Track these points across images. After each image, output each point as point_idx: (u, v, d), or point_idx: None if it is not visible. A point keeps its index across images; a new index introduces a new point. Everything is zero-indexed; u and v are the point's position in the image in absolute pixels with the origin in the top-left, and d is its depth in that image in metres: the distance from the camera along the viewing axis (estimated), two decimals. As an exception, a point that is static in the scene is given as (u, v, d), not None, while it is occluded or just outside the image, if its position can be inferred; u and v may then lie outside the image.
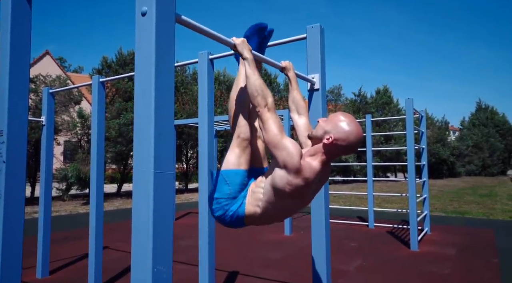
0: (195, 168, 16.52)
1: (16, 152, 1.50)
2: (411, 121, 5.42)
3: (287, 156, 1.48)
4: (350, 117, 1.56)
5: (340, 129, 1.52)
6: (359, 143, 1.57)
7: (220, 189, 1.69)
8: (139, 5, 1.13)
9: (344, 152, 1.57)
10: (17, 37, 1.52)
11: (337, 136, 1.52)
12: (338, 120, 1.54)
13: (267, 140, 1.54)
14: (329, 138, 1.52)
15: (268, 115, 1.56)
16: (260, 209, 1.62)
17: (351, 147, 1.55)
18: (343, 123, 1.53)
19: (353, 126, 1.53)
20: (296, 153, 1.48)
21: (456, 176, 26.52)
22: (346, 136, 1.52)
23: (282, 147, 1.49)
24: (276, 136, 1.52)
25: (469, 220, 8.00)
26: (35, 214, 8.45)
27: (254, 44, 1.89)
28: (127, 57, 14.36)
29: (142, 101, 1.12)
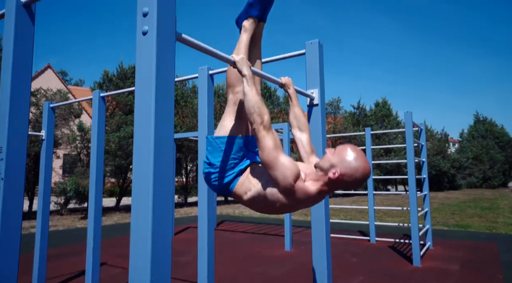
0: (194, 181, 16.46)
1: (15, 169, 1.49)
2: (411, 134, 5.42)
3: (280, 176, 1.47)
4: (357, 152, 1.52)
5: (347, 165, 1.49)
6: (366, 179, 1.54)
7: (215, 155, 1.70)
8: (140, 24, 1.14)
9: (348, 186, 1.54)
10: (19, 54, 1.53)
11: (343, 172, 1.49)
12: (345, 155, 1.51)
13: (261, 158, 1.53)
14: (335, 173, 1.49)
15: (264, 133, 1.53)
16: (246, 197, 1.64)
17: (357, 183, 1.52)
18: (351, 158, 1.50)
19: (360, 162, 1.50)
20: (291, 174, 1.46)
21: (457, 188, 26.41)
22: (353, 173, 1.49)
23: (276, 167, 1.48)
24: (270, 155, 1.49)
25: (471, 233, 7.92)
26: (32, 229, 8.37)
27: (257, 10, 1.88)
28: (128, 71, 14.47)
29: (142, 119, 1.12)
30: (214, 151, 1.70)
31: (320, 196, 1.56)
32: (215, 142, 1.71)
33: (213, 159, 1.70)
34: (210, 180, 1.72)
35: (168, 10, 1.15)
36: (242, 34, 1.90)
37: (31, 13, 1.60)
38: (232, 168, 1.69)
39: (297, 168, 1.50)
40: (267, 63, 2.56)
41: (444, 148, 26.43)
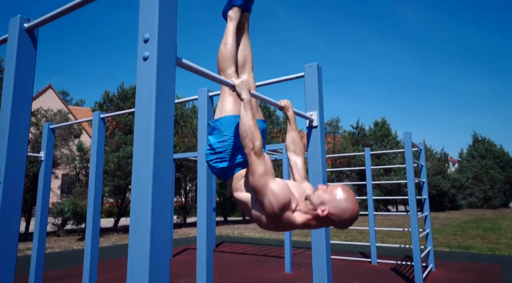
0: (193, 201, 16.33)
1: (13, 193, 1.48)
2: (410, 155, 5.42)
3: (266, 203, 1.48)
4: (349, 193, 1.54)
5: (337, 204, 1.50)
6: (353, 222, 1.56)
7: (216, 136, 1.76)
8: (141, 50, 1.16)
9: (335, 225, 1.56)
10: (21, 78, 1.55)
11: (332, 211, 1.50)
12: (336, 195, 1.52)
13: (251, 182, 1.55)
14: (324, 211, 1.50)
15: (254, 158, 1.54)
16: (237, 194, 1.70)
17: (343, 224, 1.54)
18: (341, 199, 1.51)
19: (350, 204, 1.51)
20: (277, 204, 1.47)
21: (457, 208, 26.20)
22: (341, 214, 1.50)
23: (264, 194, 1.49)
24: (259, 181, 1.50)
25: (474, 255, 7.81)
26: (28, 251, 8.24)
27: (241, 0, 2.00)
28: (128, 91, 14.59)
29: (141, 143, 1.12)
30: (215, 133, 1.77)
31: (304, 227, 1.57)
32: (215, 124, 1.78)
33: (214, 140, 1.76)
34: (211, 161, 1.77)
35: (168, 36, 1.18)
36: (228, 23, 2.00)
37: (33, 38, 1.62)
38: (234, 152, 1.73)
39: (287, 197, 1.50)
40: (266, 86, 2.59)
41: (444, 168, 26.38)
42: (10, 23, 1.61)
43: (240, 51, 2.03)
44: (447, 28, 69.83)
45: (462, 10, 68.58)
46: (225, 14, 2.05)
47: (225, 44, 1.93)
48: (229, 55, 1.89)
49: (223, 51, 1.92)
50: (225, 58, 1.90)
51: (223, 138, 1.72)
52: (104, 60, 75.84)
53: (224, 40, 1.95)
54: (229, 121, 1.74)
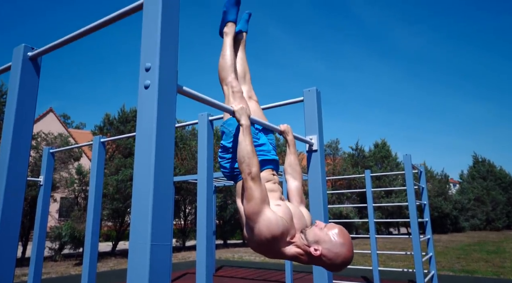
0: (193, 224, 16.15)
1: (11, 218, 1.47)
2: (411, 177, 5.41)
3: (256, 231, 1.48)
4: (345, 238, 1.50)
5: (331, 247, 1.47)
6: (343, 268, 1.53)
7: (227, 139, 1.84)
8: (142, 79, 1.18)
9: (326, 267, 1.53)
10: (23, 105, 1.57)
11: (325, 253, 1.48)
12: (332, 236, 1.49)
13: (245, 209, 1.54)
14: (317, 251, 1.48)
15: (251, 184, 1.54)
16: (239, 202, 1.71)
17: (334, 267, 1.51)
18: (336, 242, 1.48)
19: (344, 250, 1.48)
20: (268, 235, 1.46)
21: (460, 230, 25.87)
22: (333, 257, 1.47)
23: (257, 221, 1.48)
24: (254, 207, 1.49)
25: (478, 279, 7.66)
26: (24, 277, 8.08)
27: (234, 15, 2.13)
28: (129, 114, 14.69)
29: (142, 169, 1.13)
30: (226, 135, 1.85)
31: (293, 259, 1.55)
32: (224, 128, 1.87)
33: (225, 141, 1.84)
34: (223, 161, 1.83)
35: (169, 65, 1.21)
36: (224, 38, 2.12)
37: (36, 66, 1.66)
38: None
39: (279, 229, 1.47)
40: (266, 110, 2.62)
41: (445, 189, 26.23)
42: (14, 51, 1.65)
43: (239, 65, 2.16)
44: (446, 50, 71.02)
45: (461, 32, 69.94)
46: (221, 31, 2.18)
47: (223, 56, 2.04)
48: (228, 65, 1.99)
49: (221, 63, 2.02)
50: (224, 68, 1.99)
51: (233, 138, 1.79)
52: (105, 84, 76.74)
53: (222, 53, 2.06)
54: (236, 122, 1.81)
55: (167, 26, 1.20)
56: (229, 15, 2.13)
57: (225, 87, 1.97)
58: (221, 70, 2.01)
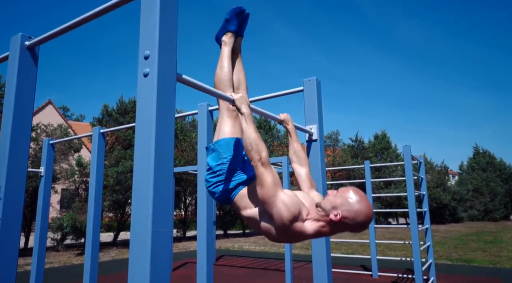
0: (193, 215, 16.24)
1: (13, 208, 1.49)
2: (410, 168, 5.43)
3: (276, 215, 1.46)
4: (360, 195, 1.50)
5: (349, 208, 1.47)
6: (368, 224, 1.51)
7: (215, 159, 1.74)
8: (141, 67, 1.18)
9: (349, 229, 1.51)
10: (21, 95, 1.57)
11: (345, 214, 1.47)
12: (348, 197, 1.49)
13: (259, 194, 1.53)
14: (337, 215, 1.47)
15: (262, 169, 1.54)
16: (245, 213, 1.67)
17: (359, 226, 1.49)
18: (353, 201, 1.48)
19: (363, 206, 1.47)
20: (288, 215, 1.45)
21: (458, 221, 26.03)
22: (355, 216, 1.46)
23: (273, 205, 1.47)
24: (268, 192, 1.49)
25: (475, 268, 7.74)
26: (27, 267, 8.15)
27: (234, 25, 2.04)
28: (127, 105, 14.65)
29: (142, 157, 1.13)
30: (214, 156, 1.76)
31: (317, 235, 1.53)
32: (214, 146, 1.77)
33: (213, 162, 1.74)
34: (212, 185, 1.74)
35: (169, 53, 1.20)
36: (222, 48, 2.04)
37: (34, 56, 1.65)
38: (234, 172, 1.72)
39: (297, 207, 1.48)
40: (266, 100, 2.62)
41: (444, 180, 26.31)
42: (11, 41, 1.64)
43: (234, 74, 2.07)
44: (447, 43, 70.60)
45: (462, 25, 69.43)
46: (218, 39, 2.09)
47: (221, 68, 1.96)
48: (226, 79, 1.91)
49: (219, 75, 1.94)
50: (222, 81, 1.92)
51: (222, 161, 1.71)
52: (104, 75, 76.39)
53: (219, 64, 1.98)
54: (227, 144, 1.74)
55: (166, 12, 1.20)
56: (231, 25, 2.04)
57: (221, 102, 1.91)
58: (218, 83, 1.94)
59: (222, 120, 1.85)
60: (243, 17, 2.06)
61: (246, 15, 2.08)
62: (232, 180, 1.70)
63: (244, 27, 2.12)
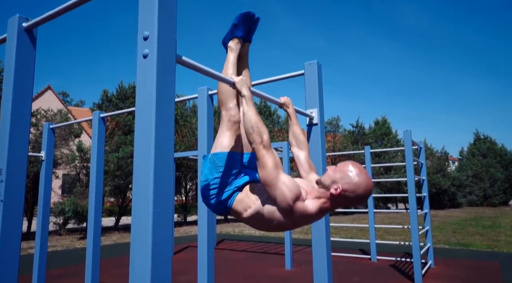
0: (194, 200, 16.36)
1: (15, 191, 1.50)
2: (410, 153, 5.44)
3: (280, 196, 1.46)
4: (360, 168, 1.52)
5: (349, 180, 1.48)
6: (368, 196, 1.52)
7: (212, 171, 1.70)
8: (140, 48, 1.17)
9: (350, 203, 1.53)
10: (20, 77, 1.56)
11: (345, 188, 1.48)
12: (347, 171, 1.50)
13: (261, 177, 1.53)
14: (337, 189, 1.48)
15: (264, 152, 1.54)
16: (246, 214, 1.63)
17: (359, 199, 1.51)
18: (353, 174, 1.49)
19: (362, 178, 1.49)
20: (290, 195, 1.46)
21: (457, 206, 26.21)
22: (355, 189, 1.48)
23: (276, 187, 1.47)
24: (270, 174, 1.49)
25: (473, 252, 7.84)
26: (30, 250, 8.26)
27: (242, 31, 1.95)
28: (127, 90, 14.59)
29: (142, 141, 1.13)
30: (211, 168, 1.71)
31: (320, 213, 1.54)
32: (212, 159, 1.72)
33: (210, 175, 1.70)
34: (208, 197, 1.71)
35: (168, 34, 1.19)
36: (228, 53, 1.97)
37: (32, 37, 1.63)
38: (229, 184, 1.69)
39: (298, 188, 1.49)
40: (266, 84, 2.60)
41: (444, 166, 26.38)
42: (8, 22, 1.62)
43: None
44: (448, 28, 69.80)
45: (463, 11, 68.53)
46: (225, 43, 2.01)
47: (226, 75, 1.86)
48: (230, 87, 1.82)
49: (223, 84, 1.86)
50: (226, 90, 1.84)
51: (219, 174, 1.68)
52: (104, 60, 75.79)
53: (224, 70, 1.90)
54: (225, 158, 1.71)
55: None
56: (238, 30, 1.94)
57: (224, 112, 1.83)
58: (221, 91, 1.86)
59: (222, 132, 1.78)
60: (252, 22, 1.96)
61: (255, 20, 1.97)
62: (226, 190, 1.68)
63: (253, 33, 2.02)
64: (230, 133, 1.76)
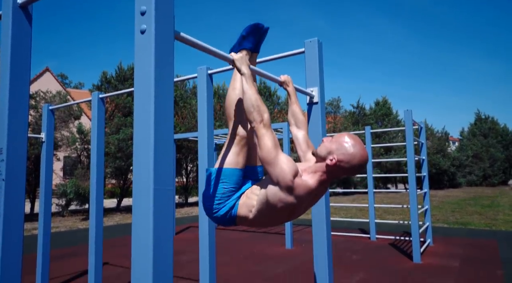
0: (195, 181, 16.47)
1: (16, 170, 1.50)
2: (411, 132, 5.43)
3: (280, 173, 1.47)
4: (355, 139, 1.53)
5: (344, 151, 1.50)
6: (363, 166, 1.54)
7: (215, 188, 1.68)
8: (138, 23, 1.15)
9: (346, 173, 1.54)
10: (17, 55, 1.54)
11: (340, 158, 1.49)
12: (343, 141, 1.52)
13: (261, 156, 1.53)
14: (332, 159, 1.49)
15: (263, 131, 1.54)
16: (252, 214, 1.62)
17: (354, 169, 1.52)
18: (348, 144, 1.50)
19: (358, 149, 1.50)
20: (290, 171, 1.46)
21: (457, 186, 26.41)
22: (350, 159, 1.49)
23: (276, 165, 1.48)
24: (270, 153, 1.50)
25: (471, 231, 7.94)
26: (34, 231, 8.38)
27: (250, 43, 1.90)
28: (126, 72, 14.47)
29: (141, 118, 1.13)
30: (215, 183, 1.69)
31: (321, 186, 1.55)
32: (215, 174, 1.70)
33: (213, 190, 1.68)
34: (212, 212, 1.68)
35: (166, 9, 1.16)
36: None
37: (28, 14, 1.60)
38: (231, 196, 1.67)
39: (295, 165, 1.51)
40: (266, 62, 2.57)
41: (444, 147, 26.42)
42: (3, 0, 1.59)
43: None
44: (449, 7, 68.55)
45: (466, -14, 67.09)
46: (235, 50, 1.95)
47: (233, 89, 1.83)
48: (239, 101, 1.78)
49: (231, 97, 1.81)
50: (233, 103, 1.80)
51: (223, 190, 1.66)
52: (102, 42, 74.84)
53: (232, 84, 1.85)
54: (230, 174, 1.68)
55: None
56: (247, 42, 1.88)
57: (230, 124, 1.79)
58: (228, 105, 1.82)
59: (227, 147, 1.74)
60: (260, 33, 1.91)
61: (264, 31, 1.91)
62: (229, 201, 1.67)
63: (261, 43, 1.96)
64: (237, 149, 1.72)
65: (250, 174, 1.80)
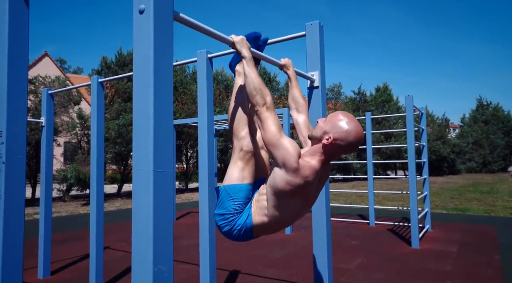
0: (195, 167, 16.53)
1: (16, 153, 1.49)
2: (411, 118, 5.41)
3: (285, 155, 1.47)
4: (349, 117, 1.54)
5: (339, 129, 1.50)
6: (359, 142, 1.55)
7: (226, 205, 1.66)
8: (136, 3, 1.13)
9: (344, 151, 1.55)
10: (15, 38, 1.52)
11: (336, 136, 1.50)
12: (337, 120, 1.53)
13: (265, 139, 1.53)
14: (328, 139, 1.50)
15: (267, 114, 1.54)
16: (267, 217, 1.60)
17: (351, 146, 1.53)
18: (342, 122, 1.51)
19: (352, 126, 1.51)
20: (294, 152, 1.47)
21: (456, 173, 26.51)
22: (345, 136, 1.50)
23: (281, 146, 1.49)
24: (274, 135, 1.51)
25: (470, 217, 7.99)
26: (35, 215, 8.44)
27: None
28: (126, 57, 14.35)
29: (140, 100, 1.11)
30: (225, 200, 1.66)
31: (323, 167, 1.56)
32: (225, 191, 1.68)
33: (224, 208, 1.65)
34: (227, 230, 1.66)
35: (165, -12, 1.14)
36: (236, 78, 1.88)
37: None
38: (243, 210, 1.66)
39: (298, 147, 1.52)
40: (267, 46, 2.53)
41: (444, 133, 26.41)
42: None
43: (250, 108, 1.84)
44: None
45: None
46: (232, 67, 1.93)
47: (234, 102, 1.80)
48: (241, 114, 1.74)
49: (233, 110, 1.78)
50: (237, 117, 1.76)
51: (234, 207, 1.64)
52: (102, 26, 74.00)
53: (233, 96, 1.83)
54: (238, 190, 1.66)
55: None
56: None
57: (235, 141, 1.75)
58: (232, 118, 1.78)
59: (234, 162, 1.71)
60: (259, 43, 1.88)
61: (263, 41, 1.89)
62: (242, 216, 1.65)
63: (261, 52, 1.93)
64: (242, 164, 1.69)
65: (258, 186, 1.76)
